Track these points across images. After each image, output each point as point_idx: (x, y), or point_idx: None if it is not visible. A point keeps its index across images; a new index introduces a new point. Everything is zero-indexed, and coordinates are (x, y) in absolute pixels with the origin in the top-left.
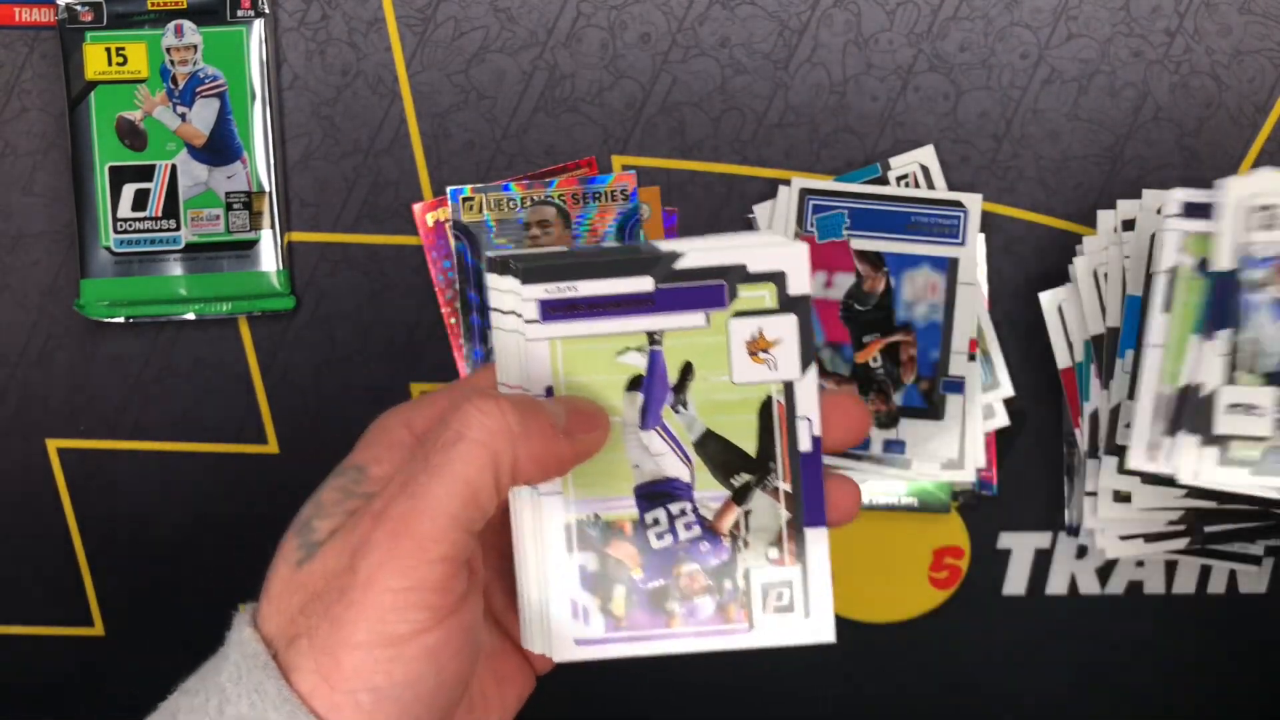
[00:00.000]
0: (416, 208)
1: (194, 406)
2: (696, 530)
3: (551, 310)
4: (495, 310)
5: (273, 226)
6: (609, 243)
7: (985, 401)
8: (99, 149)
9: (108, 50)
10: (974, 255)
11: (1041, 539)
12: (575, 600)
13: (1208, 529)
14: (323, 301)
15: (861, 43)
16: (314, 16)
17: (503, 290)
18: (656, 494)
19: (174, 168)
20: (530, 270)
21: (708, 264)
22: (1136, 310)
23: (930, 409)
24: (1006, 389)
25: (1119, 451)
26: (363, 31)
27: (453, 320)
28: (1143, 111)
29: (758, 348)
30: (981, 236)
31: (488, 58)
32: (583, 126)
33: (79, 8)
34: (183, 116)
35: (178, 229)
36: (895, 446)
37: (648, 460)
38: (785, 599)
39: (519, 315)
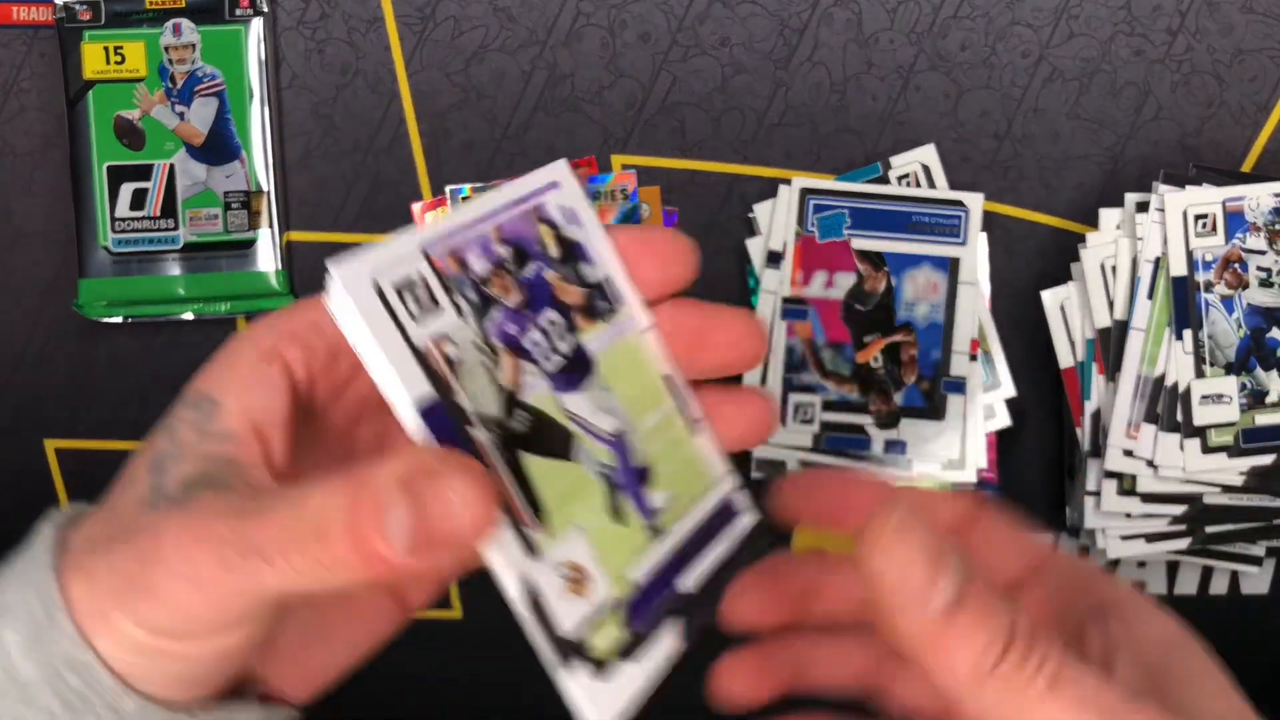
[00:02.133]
0: (416, 207)
1: None
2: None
3: None
4: None
5: (271, 226)
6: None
7: (986, 401)
8: (97, 148)
9: (106, 49)
10: (975, 255)
11: (1041, 539)
12: None
13: (1209, 529)
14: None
15: (862, 42)
16: (313, 15)
17: None
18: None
19: (172, 167)
20: None
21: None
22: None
23: (931, 409)
24: (1008, 389)
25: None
26: (362, 30)
27: None
28: (1144, 110)
29: None
30: (983, 236)
31: (487, 57)
32: (583, 126)
33: (77, 7)
34: (181, 115)
35: (176, 228)
36: (896, 447)
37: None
38: None
39: None
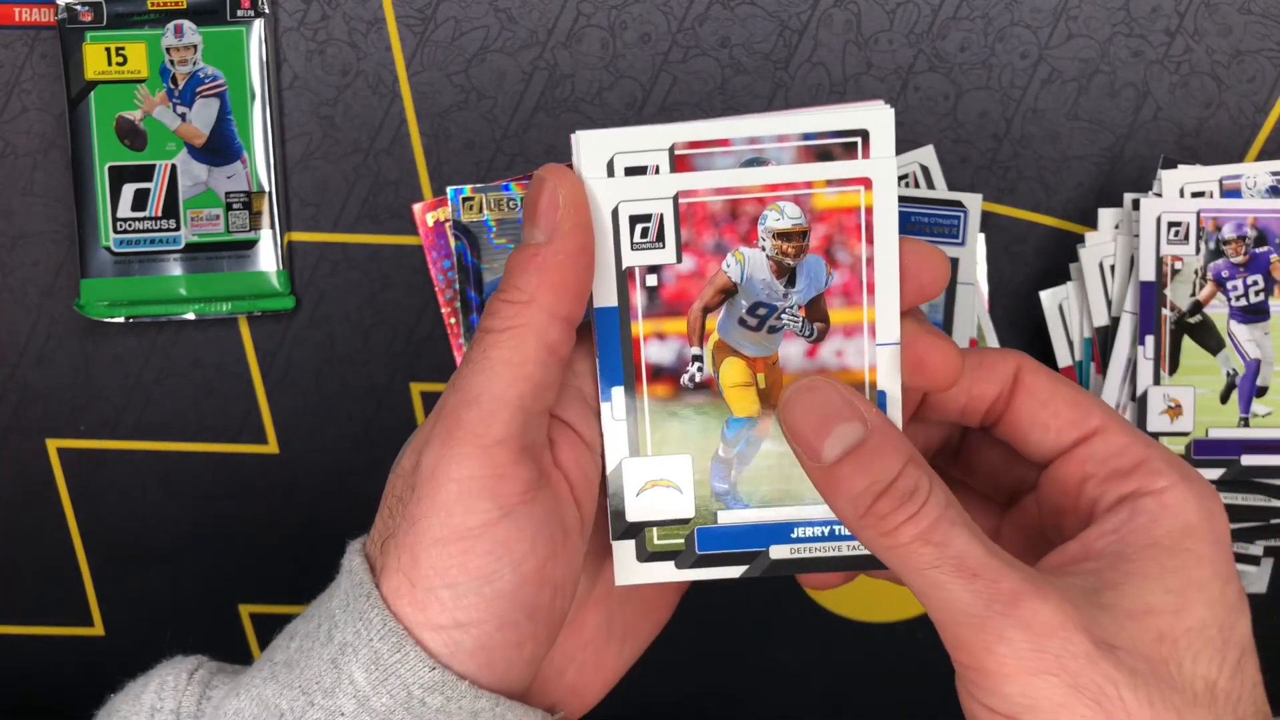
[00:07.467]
0: (416, 208)
1: (194, 406)
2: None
3: None
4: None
5: (272, 226)
6: None
7: None
8: (99, 149)
9: (108, 50)
10: (974, 255)
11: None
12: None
13: None
14: (323, 301)
15: (861, 43)
16: (314, 16)
17: None
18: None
19: (174, 168)
20: None
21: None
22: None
23: None
24: None
25: None
26: (363, 31)
27: (453, 320)
28: (1142, 111)
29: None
30: (981, 236)
31: (488, 58)
32: (583, 126)
33: (79, 7)
34: (182, 116)
35: (177, 229)
36: None
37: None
38: None
39: None
